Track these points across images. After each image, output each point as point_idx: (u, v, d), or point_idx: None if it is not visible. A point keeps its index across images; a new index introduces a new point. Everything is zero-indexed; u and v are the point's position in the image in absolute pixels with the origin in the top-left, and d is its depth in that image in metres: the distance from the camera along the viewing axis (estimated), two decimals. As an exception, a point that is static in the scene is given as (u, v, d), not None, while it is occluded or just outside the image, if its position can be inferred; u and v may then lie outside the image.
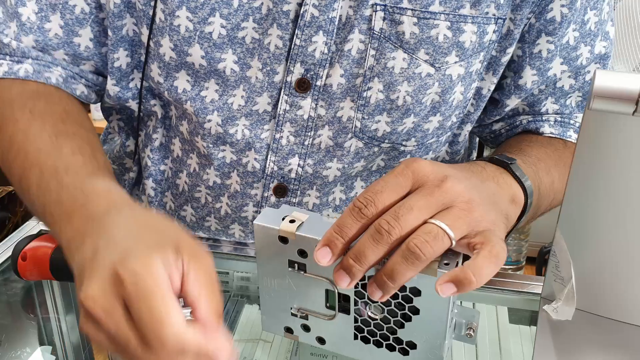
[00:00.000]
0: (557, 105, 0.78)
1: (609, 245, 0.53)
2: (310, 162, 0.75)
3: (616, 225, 0.51)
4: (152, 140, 0.81)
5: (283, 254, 0.52)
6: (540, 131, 0.78)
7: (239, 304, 0.79)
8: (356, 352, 0.56)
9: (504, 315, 0.73)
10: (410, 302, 0.50)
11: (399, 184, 0.47)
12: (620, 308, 0.56)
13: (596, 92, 0.42)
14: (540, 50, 0.72)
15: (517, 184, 0.58)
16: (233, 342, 0.46)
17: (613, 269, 0.54)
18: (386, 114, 0.71)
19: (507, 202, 0.55)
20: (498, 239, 0.46)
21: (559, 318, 0.57)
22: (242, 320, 0.76)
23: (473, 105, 0.77)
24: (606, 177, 0.49)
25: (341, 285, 0.47)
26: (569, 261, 0.54)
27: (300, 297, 0.55)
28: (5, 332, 0.71)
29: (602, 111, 0.43)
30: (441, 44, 0.67)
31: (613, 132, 0.45)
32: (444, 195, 0.47)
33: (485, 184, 0.54)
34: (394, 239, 0.45)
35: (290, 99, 0.70)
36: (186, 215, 0.83)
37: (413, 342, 0.52)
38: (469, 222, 0.46)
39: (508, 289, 0.72)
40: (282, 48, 0.68)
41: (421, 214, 0.46)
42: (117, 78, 0.76)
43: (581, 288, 0.56)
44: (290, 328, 0.58)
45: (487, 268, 0.44)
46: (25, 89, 0.72)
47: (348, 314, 0.53)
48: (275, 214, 0.52)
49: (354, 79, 0.69)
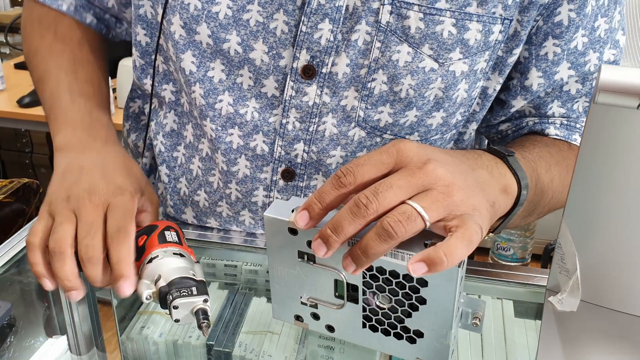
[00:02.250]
0: (563, 109, 0.78)
1: (614, 237, 0.54)
2: (315, 148, 0.76)
3: (621, 217, 0.52)
4: (163, 127, 0.83)
5: (293, 245, 0.54)
6: (546, 132, 0.79)
7: (247, 296, 0.80)
8: (364, 340, 0.57)
9: (510, 309, 0.73)
10: (418, 292, 0.51)
11: (381, 161, 0.49)
12: (625, 299, 0.56)
13: (601, 86, 0.43)
14: (547, 53, 0.73)
15: (511, 175, 0.59)
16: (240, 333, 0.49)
17: (618, 261, 0.54)
18: (389, 106, 0.72)
19: (498, 191, 0.56)
20: (474, 223, 0.47)
21: (563, 309, 0.57)
22: (250, 312, 0.77)
23: (479, 105, 0.78)
24: (611, 170, 0.49)
25: (318, 254, 0.49)
26: (574, 253, 0.55)
27: (310, 287, 0.56)
28: (20, 321, 0.72)
29: (607, 105, 0.43)
30: (445, 40, 0.68)
31: (618, 125, 0.46)
32: (425, 177, 0.48)
33: (476, 172, 0.55)
34: (370, 214, 0.46)
35: (296, 85, 0.71)
36: (199, 200, 0.84)
37: (420, 330, 0.53)
38: (447, 205, 0.47)
39: (514, 281, 0.72)
40: (288, 33, 0.69)
41: (400, 192, 0.47)
42: (140, 52, 0.79)
43: (586, 280, 0.56)
44: (300, 316, 0.59)
45: (458, 249, 0.45)
46: (47, 13, 0.84)
47: (356, 303, 0.55)
48: (285, 206, 0.54)
49: (358, 69, 0.70)
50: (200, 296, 0.56)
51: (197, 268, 0.61)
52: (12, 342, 0.68)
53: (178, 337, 0.75)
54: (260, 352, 0.72)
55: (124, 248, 0.58)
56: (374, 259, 0.47)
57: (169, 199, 0.86)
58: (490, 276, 0.73)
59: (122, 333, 0.76)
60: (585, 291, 0.57)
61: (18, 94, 2.34)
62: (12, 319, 0.70)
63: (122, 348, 0.76)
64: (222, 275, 0.83)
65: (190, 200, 0.85)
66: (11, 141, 3.01)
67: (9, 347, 0.67)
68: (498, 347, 0.69)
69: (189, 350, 0.74)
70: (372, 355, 0.68)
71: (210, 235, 0.84)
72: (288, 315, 0.59)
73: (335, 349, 0.68)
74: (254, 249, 0.81)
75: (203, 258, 0.84)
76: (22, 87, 2.44)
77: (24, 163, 3.03)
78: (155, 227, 0.64)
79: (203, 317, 0.56)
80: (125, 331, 0.76)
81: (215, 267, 0.83)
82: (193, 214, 0.86)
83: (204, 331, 0.55)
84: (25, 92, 2.37)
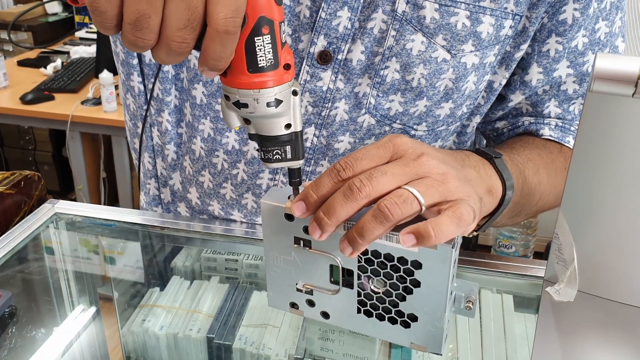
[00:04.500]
0: (559, 110, 0.79)
1: (611, 227, 0.54)
2: (325, 133, 0.77)
3: (618, 207, 0.52)
4: (167, 104, 0.83)
5: (289, 230, 0.54)
6: (540, 133, 0.80)
7: (248, 290, 0.81)
8: (359, 326, 0.57)
9: (509, 302, 0.74)
10: (412, 274, 0.51)
11: (378, 155, 0.50)
12: (622, 290, 0.56)
13: (597, 74, 0.43)
14: (549, 50, 0.74)
15: (497, 177, 0.60)
16: (240, 326, 0.48)
17: (615, 251, 0.55)
18: (400, 94, 0.73)
19: (484, 191, 0.57)
20: (466, 204, 0.48)
21: (561, 299, 0.58)
22: (251, 306, 0.77)
23: (484, 98, 0.79)
24: (607, 159, 0.50)
25: (313, 236, 0.50)
26: (571, 243, 0.55)
27: (306, 273, 0.56)
28: (21, 310, 0.73)
29: (602, 93, 0.43)
30: (459, 31, 0.69)
31: (614, 114, 0.46)
32: (420, 167, 0.49)
33: (465, 170, 0.56)
34: (363, 197, 0.47)
35: (311, 69, 0.72)
36: (204, 181, 0.84)
37: (414, 314, 0.53)
38: (442, 191, 0.49)
39: (512, 272, 0.72)
40: (309, 18, 0.70)
41: (394, 179, 0.48)
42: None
43: (583, 270, 0.57)
44: (296, 303, 0.59)
45: (447, 225, 0.46)
46: None
47: (352, 289, 0.55)
48: (281, 193, 0.54)
49: (373, 57, 0.71)
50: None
51: None
52: (13, 331, 0.69)
53: (179, 330, 0.76)
54: (260, 345, 0.72)
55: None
56: (370, 241, 0.48)
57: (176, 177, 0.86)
58: (489, 267, 0.73)
59: (122, 326, 0.77)
60: (582, 281, 0.57)
61: (21, 91, 2.35)
62: (13, 308, 0.71)
63: (123, 341, 0.76)
64: (222, 269, 0.83)
65: (195, 181, 0.85)
66: (14, 138, 3.02)
67: (10, 337, 0.68)
68: (497, 338, 0.69)
69: (190, 343, 0.75)
70: (372, 346, 0.68)
71: (213, 227, 0.84)
72: (283, 303, 0.60)
73: (334, 341, 0.69)
74: (254, 241, 0.81)
75: (204, 252, 0.84)
76: (25, 84, 2.45)
77: (27, 160, 3.04)
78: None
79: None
80: (126, 324, 0.76)
81: (216, 261, 0.84)
82: (197, 194, 0.86)
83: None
84: (28, 89, 2.38)
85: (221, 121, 0.78)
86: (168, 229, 0.83)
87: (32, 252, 0.80)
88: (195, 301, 0.80)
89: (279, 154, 0.51)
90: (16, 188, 0.79)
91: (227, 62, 0.44)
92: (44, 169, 3.04)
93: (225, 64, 0.44)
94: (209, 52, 0.43)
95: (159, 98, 0.82)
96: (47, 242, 0.83)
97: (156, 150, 0.88)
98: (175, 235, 0.84)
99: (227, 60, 0.44)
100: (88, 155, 2.51)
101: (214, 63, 0.44)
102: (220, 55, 0.43)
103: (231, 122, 0.49)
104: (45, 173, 3.00)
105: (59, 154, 2.99)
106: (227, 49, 0.43)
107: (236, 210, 0.85)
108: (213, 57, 0.43)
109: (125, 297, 0.84)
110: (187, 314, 0.78)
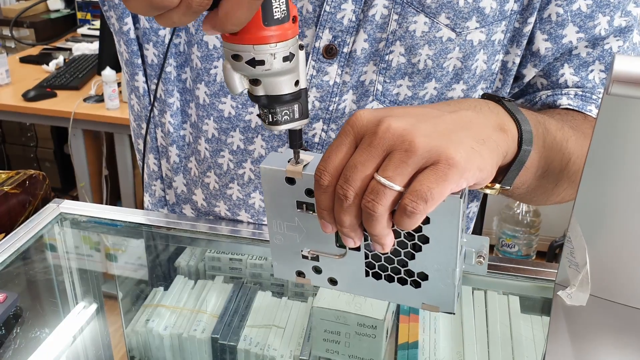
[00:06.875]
0: (577, 77, 0.76)
1: (624, 231, 0.53)
2: (334, 126, 0.76)
3: (632, 211, 0.51)
4: (169, 106, 0.82)
5: (291, 195, 0.53)
6: (558, 103, 0.76)
7: (252, 290, 0.80)
8: (368, 291, 0.56)
9: (516, 304, 0.73)
10: (420, 231, 0.50)
11: (342, 144, 0.48)
12: (635, 294, 0.56)
13: (615, 76, 0.42)
14: (550, 15, 0.73)
15: (506, 115, 0.55)
16: (245, 327, 0.47)
17: (628, 255, 0.54)
18: (407, 78, 0.73)
19: (490, 128, 0.52)
20: (444, 157, 0.45)
21: (573, 303, 0.57)
22: (255, 306, 0.77)
23: (500, 80, 0.78)
24: (623, 163, 0.49)
25: (349, 244, 0.50)
26: (583, 247, 0.54)
27: (310, 239, 0.55)
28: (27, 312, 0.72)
29: (621, 96, 0.43)
30: (462, 8, 0.68)
31: (632, 117, 0.45)
32: (382, 141, 0.46)
33: (457, 114, 0.51)
34: (352, 200, 0.47)
35: (317, 64, 0.72)
36: (210, 182, 0.84)
37: (424, 273, 0.52)
38: (412, 162, 0.46)
39: (520, 275, 0.72)
40: (312, 13, 0.70)
41: (365, 169, 0.46)
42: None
43: (595, 274, 0.56)
44: (302, 272, 0.58)
45: (425, 184, 0.44)
46: None
47: (358, 251, 0.53)
48: (281, 157, 0.53)
49: (377, 44, 0.71)
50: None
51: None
52: (18, 332, 0.68)
53: (183, 330, 0.75)
54: (265, 346, 0.72)
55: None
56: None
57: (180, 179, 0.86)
58: (494, 269, 0.73)
59: (127, 326, 0.76)
60: (594, 285, 0.56)
61: (23, 88, 2.35)
62: (19, 309, 0.70)
63: (127, 341, 0.76)
64: (227, 269, 0.83)
65: (201, 182, 0.85)
66: (16, 135, 3.01)
67: (15, 338, 0.67)
68: (504, 341, 0.69)
69: (194, 344, 0.75)
70: (378, 347, 0.68)
71: (218, 228, 0.83)
72: (289, 273, 0.58)
73: (340, 343, 0.68)
74: (259, 242, 0.81)
75: (208, 251, 0.84)
76: (28, 81, 2.45)
77: (29, 157, 3.03)
78: None
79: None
80: (130, 324, 0.76)
81: (221, 260, 0.83)
82: (203, 196, 0.86)
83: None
84: (30, 86, 2.38)
85: (225, 121, 0.78)
86: (173, 230, 0.82)
87: (37, 252, 0.79)
88: (199, 301, 0.79)
89: (287, 114, 0.49)
90: (21, 187, 0.78)
91: (245, 23, 0.43)
92: (45, 166, 3.04)
93: (244, 25, 0.43)
94: (230, 16, 0.42)
95: (162, 99, 0.82)
96: (52, 242, 0.82)
97: (161, 151, 0.87)
98: (179, 236, 0.83)
99: (246, 22, 0.43)
100: (90, 153, 2.50)
101: (233, 27, 0.42)
102: (242, 19, 0.42)
103: (236, 86, 0.47)
104: (46, 170, 3.00)
105: (60, 151, 2.99)
106: (252, 11, 0.42)
107: (243, 211, 0.84)
108: (234, 23, 0.42)
109: (129, 297, 0.84)
110: (192, 314, 0.77)
